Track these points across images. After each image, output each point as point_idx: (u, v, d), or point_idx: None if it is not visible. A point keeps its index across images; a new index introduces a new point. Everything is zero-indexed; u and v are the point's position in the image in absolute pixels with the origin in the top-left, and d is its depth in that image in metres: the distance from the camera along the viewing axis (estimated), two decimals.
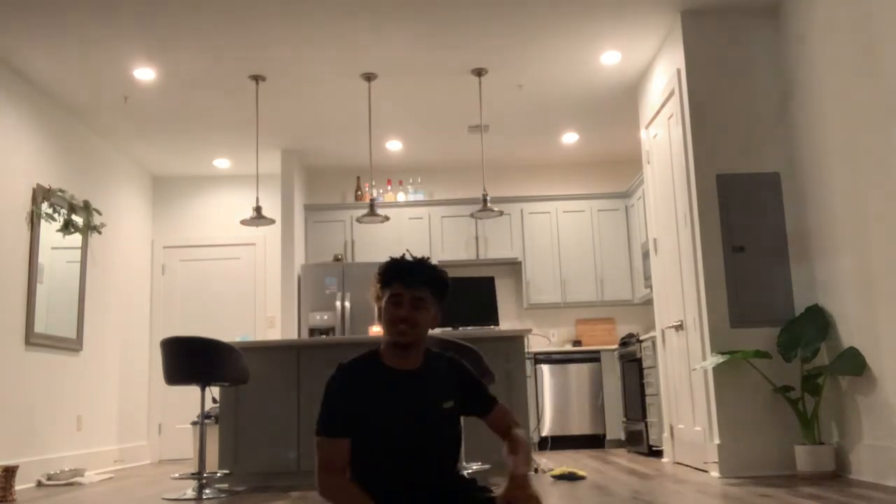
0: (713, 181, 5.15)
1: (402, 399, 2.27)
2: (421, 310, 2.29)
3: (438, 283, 2.34)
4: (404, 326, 2.26)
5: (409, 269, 2.33)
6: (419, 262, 2.35)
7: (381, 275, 2.35)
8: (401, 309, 2.27)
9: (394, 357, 2.32)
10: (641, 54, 6.05)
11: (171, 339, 4.77)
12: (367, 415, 2.25)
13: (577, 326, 8.54)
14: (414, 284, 2.29)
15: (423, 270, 2.33)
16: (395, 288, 2.29)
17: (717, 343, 4.94)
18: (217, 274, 8.60)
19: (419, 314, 2.28)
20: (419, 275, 2.32)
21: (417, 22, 5.45)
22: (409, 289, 2.29)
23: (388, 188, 8.61)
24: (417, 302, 2.28)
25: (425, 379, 2.33)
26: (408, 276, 2.31)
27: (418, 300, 2.28)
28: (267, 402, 5.43)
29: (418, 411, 2.27)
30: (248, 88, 6.40)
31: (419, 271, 2.32)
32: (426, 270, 2.34)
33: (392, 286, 2.30)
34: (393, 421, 2.25)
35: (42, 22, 5.24)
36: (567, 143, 8.14)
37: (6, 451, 5.56)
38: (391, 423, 2.24)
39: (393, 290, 2.29)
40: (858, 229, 4.37)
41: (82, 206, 6.78)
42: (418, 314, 2.28)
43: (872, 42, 4.14)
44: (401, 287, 2.29)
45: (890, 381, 4.10)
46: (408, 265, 2.34)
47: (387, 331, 2.30)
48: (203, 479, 4.72)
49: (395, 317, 2.27)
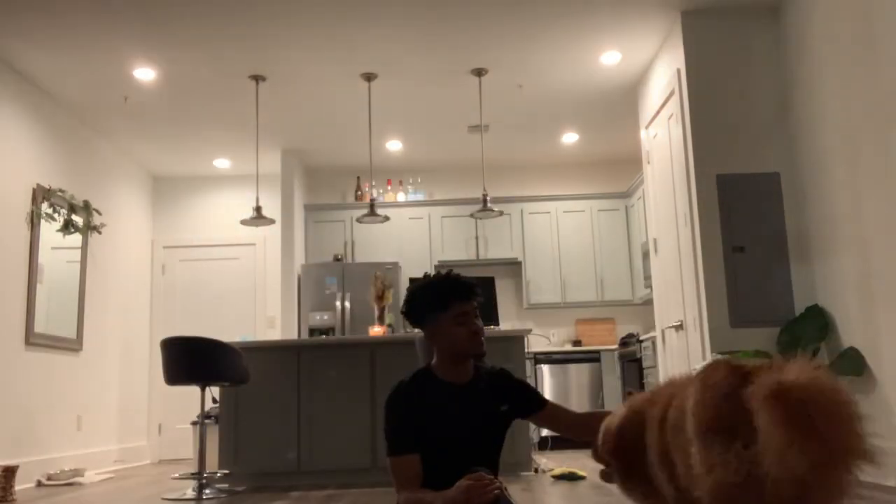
0: (713, 181, 5.15)
1: (462, 410, 2.39)
2: (480, 318, 2.43)
3: (477, 290, 2.46)
4: (483, 338, 2.40)
5: (461, 286, 2.41)
6: (460, 277, 2.45)
7: (431, 302, 2.40)
8: (473, 323, 2.38)
9: (451, 373, 2.43)
10: (641, 54, 6.05)
11: (171, 339, 4.77)
12: (432, 429, 2.37)
13: (577, 326, 8.54)
14: (470, 297, 2.40)
15: (468, 283, 2.43)
16: (457, 307, 2.38)
17: (717, 343, 4.94)
18: (217, 274, 8.59)
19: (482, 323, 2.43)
20: (469, 287, 2.42)
21: (417, 22, 5.45)
22: (468, 302, 2.39)
23: (388, 188, 8.61)
24: (477, 312, 2.42)
25: (479, 389, 2.44)
26: (464, 291, 2.40)
27: (477, 311, 2.42)
28: (267, 402, 5.43)
29: (478, 420, 2.41)
30: (248, 88, 6.40)
31: (467, 285, 2.42)
32: (469, 282, 2.44)
33: (451, 306, 2.37)
34: (456, 432, 2.37)
35: (42, 22, 5.24)
36: (567, 143, 8.14)
37: (6, 451, 5.56)
38: (455, 435, 2.37)
39: (454, 309, 2.37)
40: (858, 229, 4.37)
41: (82, 206, 6.78)
42: (481, 323, 2.43)
43: (872, 42, 4.14)
44: (462, 304, 2.38)
45: (890, 381, 4.10)
46: (457, 282, 2.42)
47: (465, 347, 2.38)
48: (203, 479, 4.72)
49: (475, 330, 2.38)
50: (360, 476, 5.35)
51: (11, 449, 5.63)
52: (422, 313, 2.42)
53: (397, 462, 2.35)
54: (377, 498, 4.31)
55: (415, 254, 8.23)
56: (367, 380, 5.47)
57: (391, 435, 2.41)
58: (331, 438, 5.40)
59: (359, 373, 5.47)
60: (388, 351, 5.50)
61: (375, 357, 5.50)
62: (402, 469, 2.34)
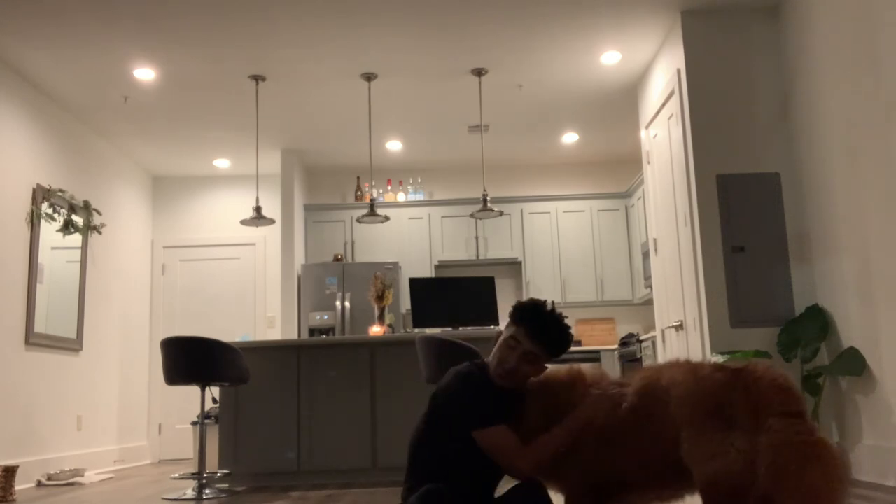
0: (713, 181, 5.15)
1: (501, 413, 2.38)
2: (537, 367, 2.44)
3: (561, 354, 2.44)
4: (523, 381, 2.41)
5: (560, 345, 2.38)
6: (568, 340, 2.40)
7: (535, 328, 2.36)
8: (527, 368, 2.38)
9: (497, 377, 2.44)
10: (641, 54, 6.05)
11: (171, 339, 4.77)
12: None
13: (577, 326, 8.54)
14: (553, 356, 2.38)
15: (564, 347, 2.40)
16: (539, 349, 2.36)
17: (717, 343, 4.94)
18: (217, 274, 8.60)
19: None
20: (561, 351, 2.39)
21: (417, 22, 5.45)
22: (548, 356, 2.38)
23: (388, 188, 8.61)
24: (540, 365, 2.42)
25: (514, 398, 2.44)
26: (556, 349, 2.37)
27: (540, 364, 2.43)
28: (267, 402, 5.43)
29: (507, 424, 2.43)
30: (248, 88, 6.40)
31: (564, 348, 2.39)
32: (564, 347, 2.40)
33: (536, 345, 2.35)
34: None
35: (42, 22, 5.24)
36: (567, 143, 8.14)
37: (6, 451, 5.56)
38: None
39: (535, 350, 2.36)
40: (858, 229, 4.37)
41: (82, 206, 6.78)
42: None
43: (872, 42, 4.14)
44: (543, 354, 2.37)
45: (890, 381, 4.10)
46: (562, 341, 2.38)
47: (504, 374, 2.39)
48: (203, 479, 4.72)
49: (525, 373, 2.38)
50: (360, 476, 5.35)
51: (11, 449, 5.63)
52: (523, 322, 2.38)
53: (493, 433, 2.31)
54: (377, 498, 4.31)
55: (415, 254, 8.24)
56: (367, 380, 5.47)
57: (479, 408, 2.35)
58: (331, 438, 5.40)
59: (359, 373, 5.47)
60: (388, 351, 5.50)
61: (375, 357, 5.51)
62: (501, 438, 2.31)
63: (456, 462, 2.38)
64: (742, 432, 1.88)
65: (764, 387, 1.91)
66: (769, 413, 1.87)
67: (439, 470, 2.37)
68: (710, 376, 2.00)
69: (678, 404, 2.03)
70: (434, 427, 2.43)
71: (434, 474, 2.37)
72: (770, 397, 1.89)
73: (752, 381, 1.93)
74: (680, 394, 2.04)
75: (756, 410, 1.89)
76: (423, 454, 2.43)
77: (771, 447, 1.82)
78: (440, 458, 2.39)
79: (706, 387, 1.99)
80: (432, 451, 2.41)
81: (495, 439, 2.32)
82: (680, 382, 2.05)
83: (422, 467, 2.41)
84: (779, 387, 1.90)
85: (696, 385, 2.01)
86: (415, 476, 2.42)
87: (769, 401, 1.89)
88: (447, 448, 2.39)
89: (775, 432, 1.83)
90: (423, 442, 2.44)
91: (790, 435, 1.82)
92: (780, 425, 1.84)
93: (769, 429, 1.84)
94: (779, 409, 1.87)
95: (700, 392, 1.99)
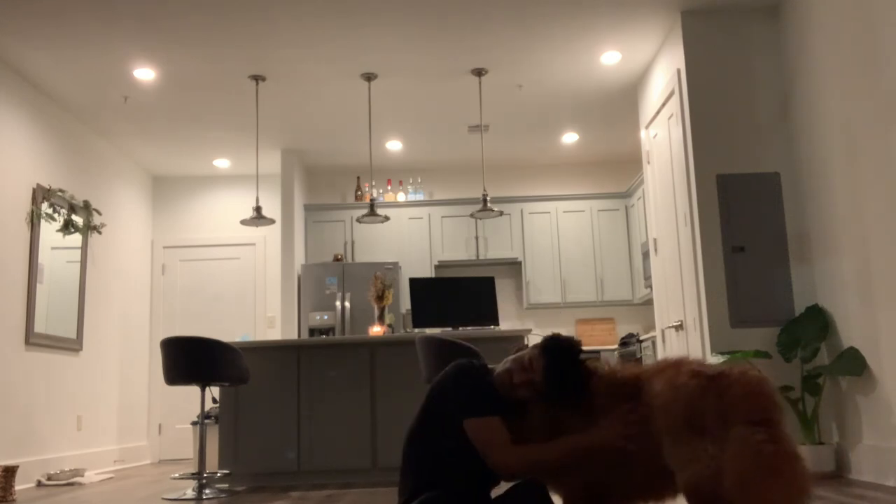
0: (713, 181, 5.15)
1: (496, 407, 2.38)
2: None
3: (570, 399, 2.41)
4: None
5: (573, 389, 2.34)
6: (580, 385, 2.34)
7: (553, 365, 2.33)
8: (527, 394, 2.36)
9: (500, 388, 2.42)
10: (641, 54, 6.05)
11: (171, 339, 4.77)
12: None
13: (577, 326, 8.54)
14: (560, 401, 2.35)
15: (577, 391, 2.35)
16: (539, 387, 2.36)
17: (717, 343, 4.94)
18: (217, 274, 8.60)
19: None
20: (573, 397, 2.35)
21: (417, 22, 5.45)
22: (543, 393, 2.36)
23: (388, 188, 8.61)
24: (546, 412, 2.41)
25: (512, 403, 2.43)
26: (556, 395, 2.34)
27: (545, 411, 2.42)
28: (267, 402, 5.44)
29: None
30: (248, 88, 6.40)
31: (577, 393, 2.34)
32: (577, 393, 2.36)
33: (541, 380, 2.34)
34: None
35: (42, 22, 5.24)
36: (567, 143, 8.14)
37: (6, 451, 5.56)
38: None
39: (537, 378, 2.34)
40: (858, 229, 4.37)
41: (82, 206, 6.78)
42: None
43: (872, 42, 4.14)
44: (542, 392, 2.36)
45: (890, 381, 4.10)
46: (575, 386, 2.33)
47: (508, 388, 2.38)
48: (203, 479, 4.72)
49: (521, 395, 2.36)
50: (360, 476, 5.35)
51: (11, 449, 5.63)
52: (545, 355, 2.35)
53: (484, 424, 2.30)
54: (377, 498, 4.31)
55: (415, 254, 8.24)
56: (367, 380, 5.47)
57: (473, 398, 2.34)
58: (331, 438, 5.40)
59: (359, 373, 5.47)
60: (388, 351, 5.50)
61: (375, 357, 5.51)
62: (491, 429, 2.30)
63: (450, 460, 2.36)
64: (712, 439, 1.91)
65: (733, 394, 1.93)
66: (736, 421, 1.89)
67: (433, 467, 2.36)
68: (686, 384, 2.02)
69: (658, 414, 2.07)
70: (429, 421, 2.41)
71: (428, 472, 2.35)
72: (738, 405, 1.91)
73: (724, 387, 1.95)
74: (659, 404, 2.07)
75: (724, 418, 1.91)
76: (417, 451, 2.41)
77: (733, 457, 1.84)
78: (434, 456, 2.38)
79: (682, 395, 2.01)
80: (426, 447, 2.39)
81: (485, 431, 2.31)
82: (658, 393, 2.08)
83: (416, 465, 2.39)
84: (748, 394, 1.91)
85: (673, 393, 2.04)
86: (408, 474, 2.40)
87: (737, 408, 1.90)
88: (440, 445, 2.37)
89: (738, 441, 1.85)
90: (417, 438, 2.42)
91: (751, 445, 1.83)
92: (743, 434, 1.85)
93: (734, 438, 1.86)
94: (745, 417, 1.88)
95: (677, 400, 2.02)
